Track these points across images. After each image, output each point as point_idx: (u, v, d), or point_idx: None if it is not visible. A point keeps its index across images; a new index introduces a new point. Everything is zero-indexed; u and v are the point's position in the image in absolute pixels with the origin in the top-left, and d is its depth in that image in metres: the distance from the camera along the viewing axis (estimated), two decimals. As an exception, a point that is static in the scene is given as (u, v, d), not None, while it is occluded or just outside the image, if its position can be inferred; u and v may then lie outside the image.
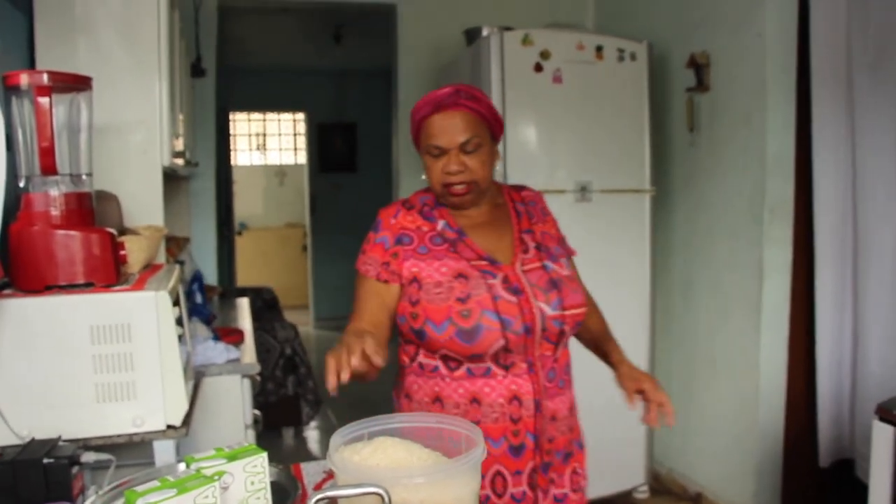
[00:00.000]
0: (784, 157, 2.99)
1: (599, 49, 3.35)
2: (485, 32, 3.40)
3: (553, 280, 1.58)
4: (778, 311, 3.06)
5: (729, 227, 3.20)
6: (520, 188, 1.78)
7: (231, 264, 5.96)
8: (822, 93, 2.82)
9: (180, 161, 2.73)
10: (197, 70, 4.01)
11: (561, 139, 3.36)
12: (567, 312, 1.57)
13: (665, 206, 3.63)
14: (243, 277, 7.87)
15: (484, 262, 1.58)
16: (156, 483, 1.00)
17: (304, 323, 7.91)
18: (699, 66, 3.27)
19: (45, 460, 1.31)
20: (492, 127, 1.61)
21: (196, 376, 2.07)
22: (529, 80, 3.24)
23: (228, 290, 4.79)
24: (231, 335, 2.68)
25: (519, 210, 1.71)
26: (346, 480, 0.98)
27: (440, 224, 1.64)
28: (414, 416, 1.16)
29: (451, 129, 1.56)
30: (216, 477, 1.02)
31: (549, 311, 1.54)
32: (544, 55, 3.27)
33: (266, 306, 5.57)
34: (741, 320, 3.14)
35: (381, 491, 0.91)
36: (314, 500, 0.89)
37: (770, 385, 3.07)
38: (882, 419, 1.96)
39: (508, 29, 3.31)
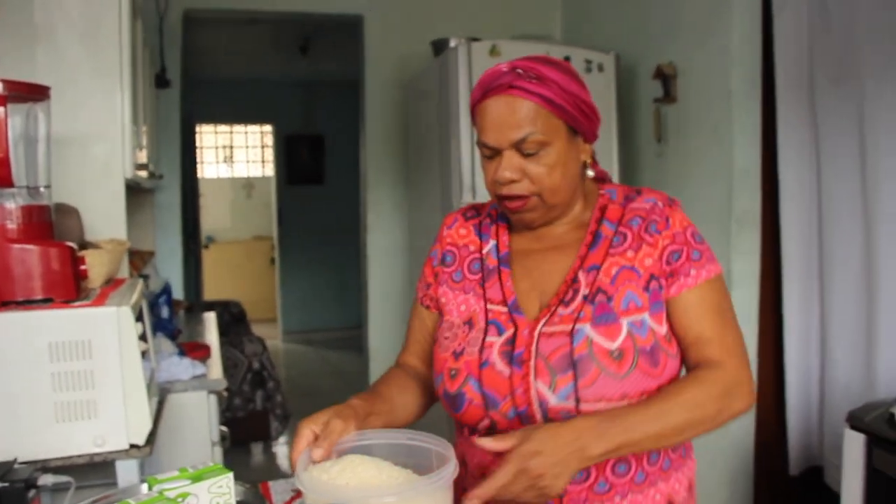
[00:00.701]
0: (750, 167, 3.01)
1: (567, 60, 3.35)
2: (452, 44, 3.39)
3: (574, 357, 1.12)
4: (746, 321, 3.07)
5: (697, 237, 3.21)
6: (634, 195, 1.27)
7: (198, 278, 5.88)
8: (786, 103, 2.85)
9: (144, 173, 2.67)
10: (161, 81, 3.96)
11: (530, 150, 3.36)
12: (586, 406, 1.11)
13: (634, 217, 3.64)
14: (210, 291, 7.78)
15: (502, 310, 1.21)
16: (115, 507, 0.96)
17: (273, 336, 7.83)
18: (666, 77, 3.29)
19: (0, 484, 1.26)
20: (571, 118, 1.17)
21: (160, 393, 2.03)
22: (498, 91, 3.23)
23: (195, 304, 4.72)
24: (197, 350, 2.63)
25: (602, 232, 1.23)
26: (315, 500, 0.95)
27: (489, 245, 1.30)
28: (383, 434, 1.12)
29: (501, 121, 1.15)
30: (179, 499, 0.99)
31: (552, 399, 1.12)
32: (512, 66, 3.27)
33: (233, 320, 5.51)
34: (710, 330, 3.15)
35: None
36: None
37: (740, 394, 3.08)
38: (853, 427, 1.98)
39: (476, 40, 3.31)
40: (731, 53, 2.97)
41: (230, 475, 1.07)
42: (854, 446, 1.95)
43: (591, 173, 1.26)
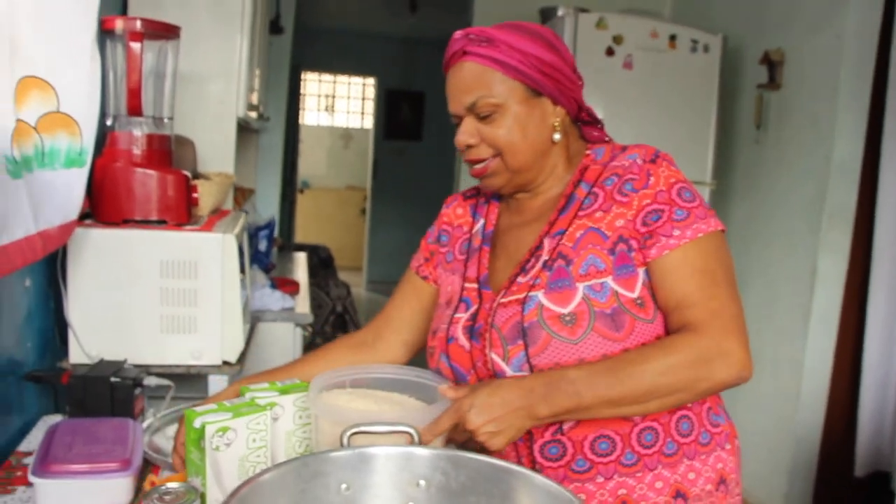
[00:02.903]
0: (850, 163, 2.95)
1: (673, 38, 3.33)
2: (560, 12, 3.40)
3: (524, 325, 1.10)
4: (827, 320, 3.03)
5: (786, 229, 3.18)
6: (618, 152, 1.21)
7: (291, 220, 6.10)
8: (897, 101, 2.78)
9: (254, 114, 2.82)
10: (275, 27, 4.10)
11: (626, 125, 3.36)
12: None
13: (724, 201, 3.61)
14: (301, 234, 8.03)
15: (473, 286, 1.22)
16: (213, 406, 1.09)
17: (357, 284, 8.03)
18: (773, 64, 3.23)
19: (113, 379, 1.42)
20: (529, 79, 1.14)
21: (252, 320, 2.18)
22: (600, 64, 3.25)
23: (287, 244, 4.92)
24: (288, 285, 2.78)
25: (576, 195, 1.19)
26: (323, 421, 1.06)
27: (478, 224, 1.30)
28: (391, 369, 1.22)
29: (456, 88, 1.16)
30: (269, 407, 1.11)
31: (507, 369, 1.10)
32: (617, 40, 3.28)
33: (322, 264, 5.70)
34: (789, 320, 3.13)
35: (411, 430, 0.98)
36: (349, 433, 0.97)
37: (812, 389, 3.06)
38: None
39: (584, 10, 3.32)
40: (844, 45, 2.90)
41: (313, 393, 1.19)
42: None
43: (556, 137, 1.18)
